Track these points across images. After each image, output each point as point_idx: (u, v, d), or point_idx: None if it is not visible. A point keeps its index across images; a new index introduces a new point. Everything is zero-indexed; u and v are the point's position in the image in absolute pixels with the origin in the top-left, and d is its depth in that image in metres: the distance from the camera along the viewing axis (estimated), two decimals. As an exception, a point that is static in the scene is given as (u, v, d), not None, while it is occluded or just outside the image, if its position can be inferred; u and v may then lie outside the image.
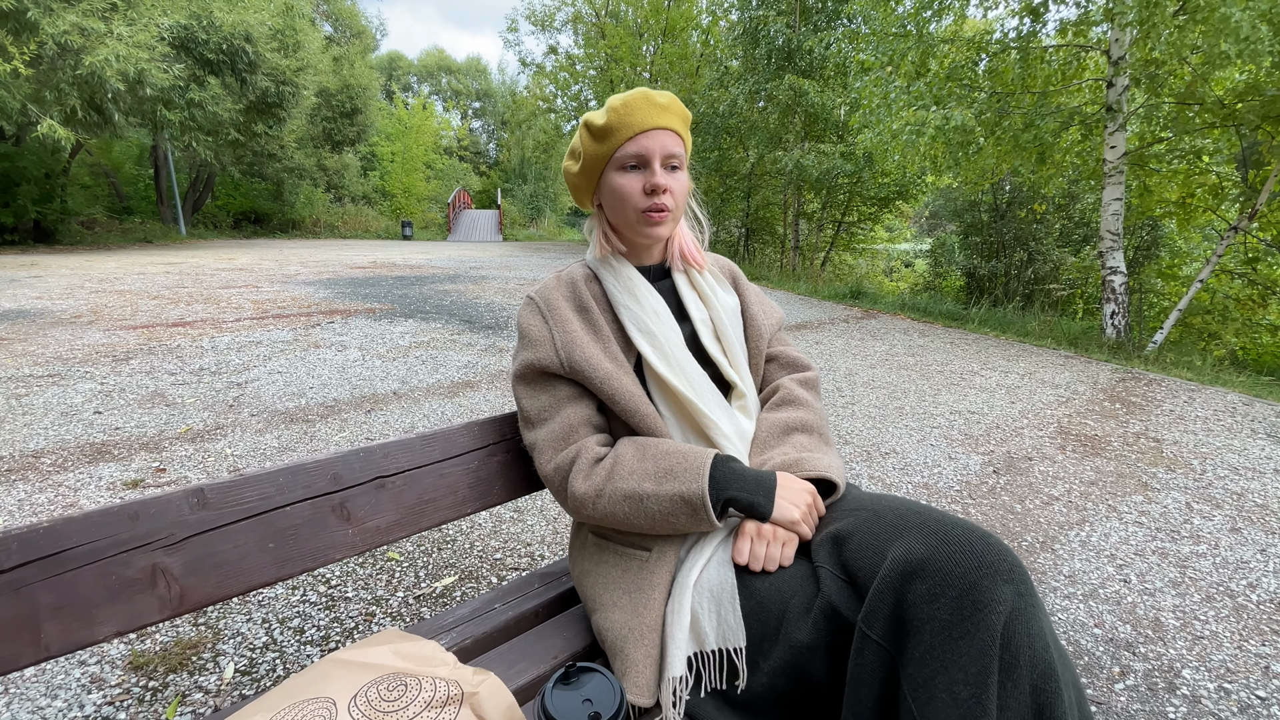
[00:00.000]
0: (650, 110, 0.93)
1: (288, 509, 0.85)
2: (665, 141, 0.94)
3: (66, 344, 4.36)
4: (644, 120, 0.93)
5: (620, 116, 0.93)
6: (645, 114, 0.93)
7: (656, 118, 0.94)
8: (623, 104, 0.93)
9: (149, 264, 9.75)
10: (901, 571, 0.70)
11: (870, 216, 13.99)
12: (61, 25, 8.04)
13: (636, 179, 0.94)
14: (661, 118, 0.94)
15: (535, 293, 1.02)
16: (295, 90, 14.25)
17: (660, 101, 0.95)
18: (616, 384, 0.94)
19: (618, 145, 0.94)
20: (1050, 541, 2.19)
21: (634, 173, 0.95)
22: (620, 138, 0.94)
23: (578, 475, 0.91)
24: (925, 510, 0.79)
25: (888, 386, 4.12)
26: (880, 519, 0.80)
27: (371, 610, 1.72)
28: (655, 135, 0.94)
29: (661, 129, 0.94)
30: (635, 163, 0.94)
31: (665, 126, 0.95)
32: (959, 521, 0.75)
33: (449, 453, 1.00)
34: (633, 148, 0.93)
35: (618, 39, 16.45)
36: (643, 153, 0.93)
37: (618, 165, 0.95)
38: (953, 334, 6.17)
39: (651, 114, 0.93)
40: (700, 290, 1.06)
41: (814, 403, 1.05)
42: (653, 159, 0.94)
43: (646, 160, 0.94)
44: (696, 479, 0.85)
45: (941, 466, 2.82)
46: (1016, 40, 6.00)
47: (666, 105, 0.95)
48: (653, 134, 0.94)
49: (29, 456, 2.61)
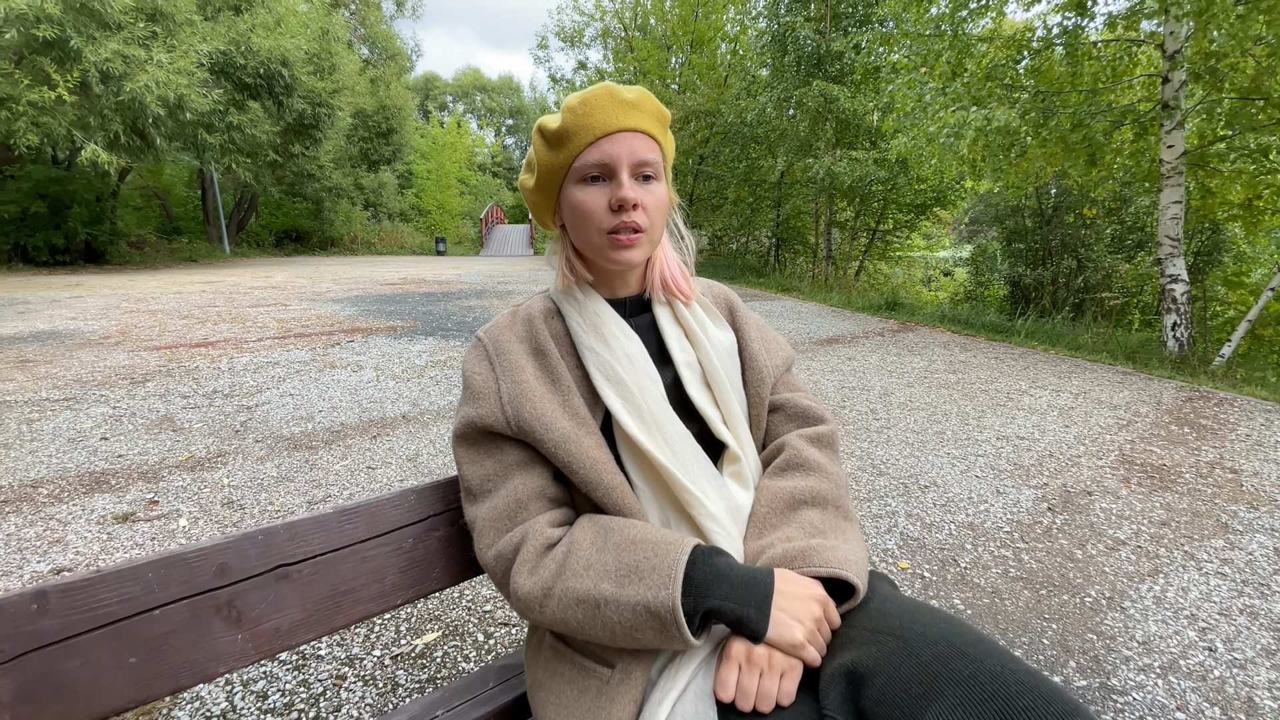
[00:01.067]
0: (614, 108, 0.75)
1: (157, 613, 0.68)
2: (634, 146, 0.76)
3: (89, 366, 4.38)
4: (606, 121, 0.75)
5: (578, 118, 0.74)
6: (608, 113, 0.75)
7: (622, 117, 0.75)
8: (581, 102, 0.75)
9: (188, 283, 9.99)
10: None
11: (906, 224, 13.54)
12: (103, 53, 8.33)
13: (600, 193, 0.76)
14: (629, 117, 0.76)
15: (484, 332, 0.84)
16: (330, 112, 14.58)
17: (627, 98, 0.76)
18: (575, 448, 0.75)
19: (576, 152, 0.76)
20: (1119, 597, 1.90)
21: (597, 185, 0.76)
22: (579, 143, 0.75)
23: (522, 568, 0.72)
24: (974, 650, 0.57)
25: (927, 407, 3.83)
26: (914, 657, 0.59)
27: (343, 672, 1.56)
28: (621, 139, 0.75)
29: (629, 131, 0.76)
30: (598, 172, 0.76)
31: (634, 128, 0.76)
32: (1021, 676, 0.53)
33: (375, 530, 0.82)
34: (594, 155, 0.75)
35: (645, 52, 16.42)
36: (606, 160, 0.75)
37: (578, 177, 0.77)
38: (997, 348, 5.80)
39: (616, 113, 0.75)
40: (686, 326, 0.86)
41: (829, 466, 0.84)
42: (619, 168, 0.75)
43: (611, 169, 0.75)
44: (666, 583, 0.65)
45: (989, 502, 2.54)
46: (1061, 36, 5.65)
47: (635, 102, 0.76)
48: (618, 137, 0.75)
49: (27, 486, 2.56)
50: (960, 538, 2.25)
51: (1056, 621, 1.78)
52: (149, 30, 9.18)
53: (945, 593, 1.92)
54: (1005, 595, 1.91)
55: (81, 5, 8.19)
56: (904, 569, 2.05)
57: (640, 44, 16.75)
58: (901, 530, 2.30)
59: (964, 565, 2.07)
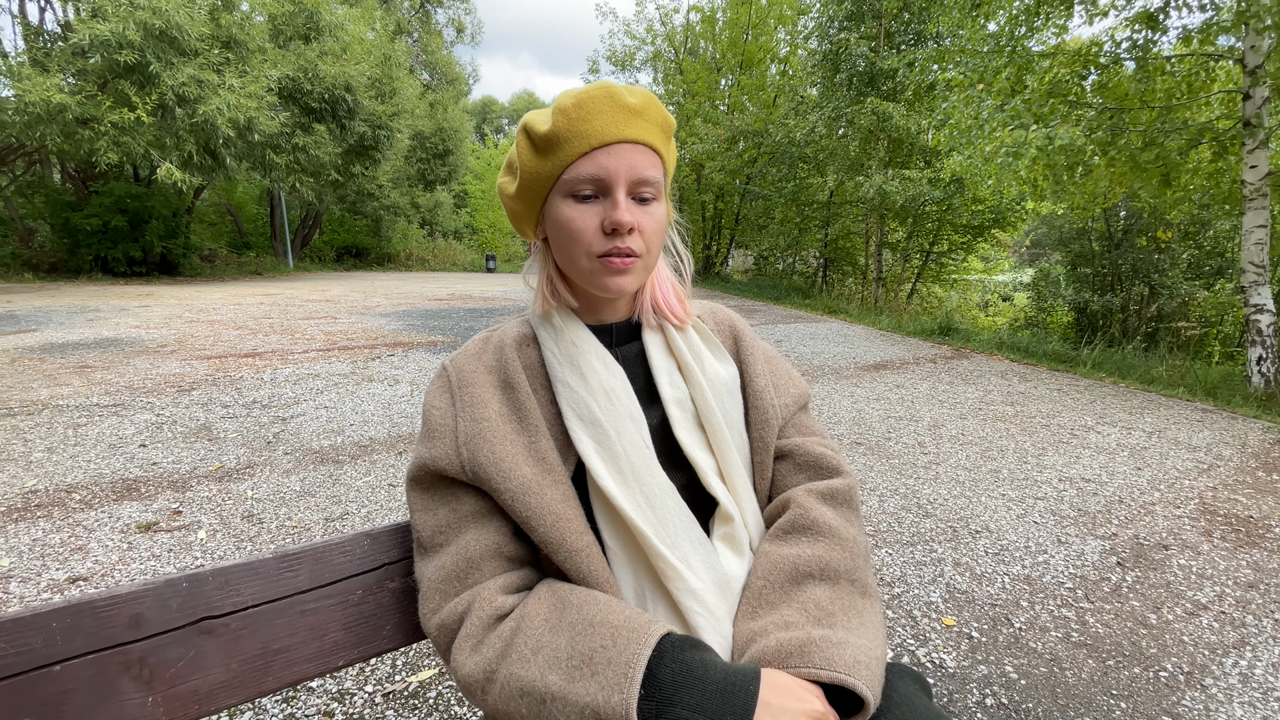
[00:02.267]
0: (614, 115, 0.64)
1: (58, 669, 0.61)
2: (635, 161, 0.65)
3: (142, 373, 4.55)
4: (604, 129, 0.64)
5: (571, 123, 0.63)
6: (607, 120, 0.64)
7: (623, 126, 0.64)
8: (575, 104, 0.63)
9: (249, 295, 10.44)
10: None
11: (962, 246, 13.04)
12: (180, 78, 8.90)
13: (592, 212, 0.65)
14: (630, 126, 0.65)
15: (450, 360, 0.75)
16: (390, 134, 15.15)
17: (629, 102, 0.65)
18: (535, 500, 0.64)
19: (567, 163, 0.65)
20: (1199, 673, 1.66)
21: (589, 204, 0.66)
22: (570, 152, 0.64)
23: (464, 644, 0.62)
24: None
25: (981, 442, 3.57)
26: None
27: (331, 708, 1.48)
28: (620, 152, 0.64)
29: (630, 143, 0.65)
30: (591, 189, 0.65)
31: (635, 139, 0.65)
32: None
33: (319, 579, 0.73)
34: (588, 168, 0.64)
35: (695, 74, 16.50)
36: (602, 176, 0.64)
37: (567, 190, 0.66)
38: (1060, 379, 5.43)
39: (616, 120, 0.64)
40: (679, 357, 0.75)
41: (844, 530, 0.70)
42: (615, 185, 0.64)
43: (607, 186, 0.65)
44: (621, 684, 0.53)
45: (1049, 552, 2.30)
46: (1131, 51, 5.32)
47: (638, 108, 0.65)
48: (617, 150, 0.64)
49: (62, 491, 2.61)
50: (1015, 593, 2.03)
51: (1126, 699, 1.56)
52: (223, 56, 9.76)
53: (996, 657, 1.71)
54: (1066, 664, 1.69)
55: (161, 33, 8.79)
56: (949, 625, 1.85)
57: (690, 66, 16.85)
58: (948, 581, 2.09)
59: (1018, 626, 1.85)
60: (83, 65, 9.09)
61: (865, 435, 3.66)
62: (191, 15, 9.32)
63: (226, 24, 10.25)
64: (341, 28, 13.32)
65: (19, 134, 9.09)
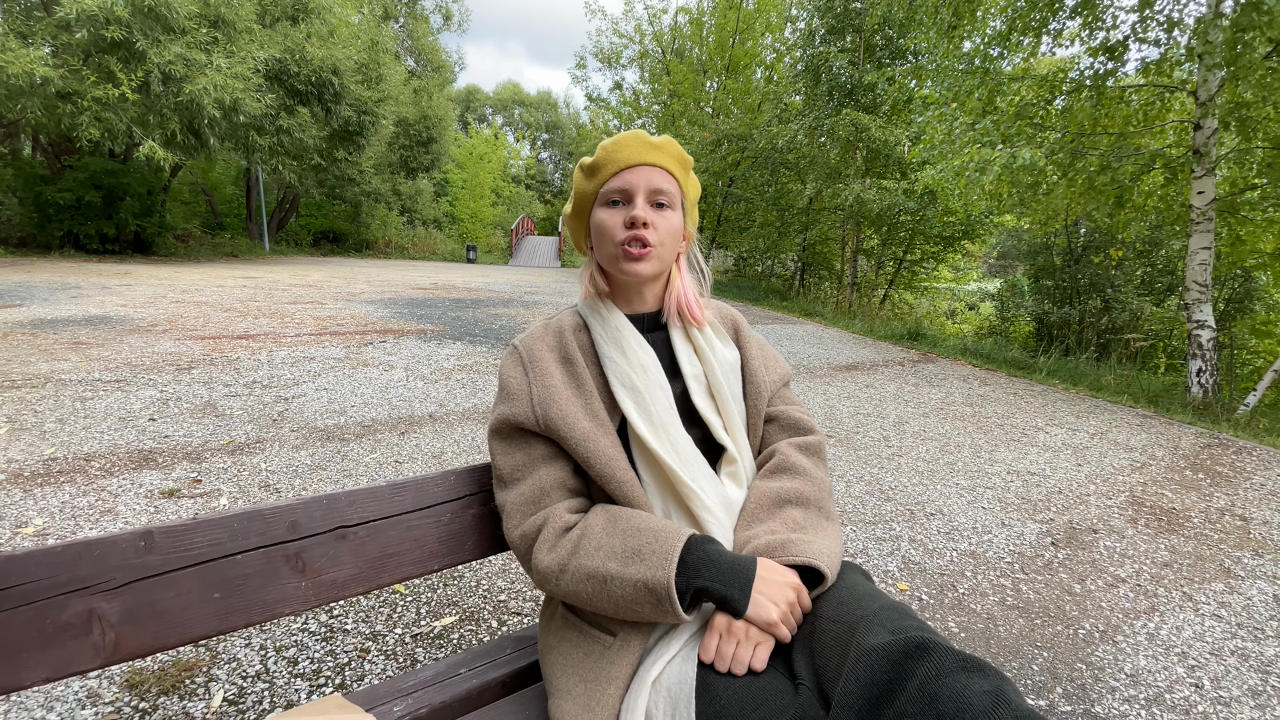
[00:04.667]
0: (639, 147, 0.92)
1: (239, 557, 0.81)
2: (651, 177, 0.91)
3: (139, 351, 4.63)
4: (631, 156, 0.91)
5: (608, 154, 0.91)
6: (633, 150, 0.91)
7: (645, 154, 0.92)
8: (613, 143, 0.92)
9: (230, 278, 10.38)
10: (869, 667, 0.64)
11: (934, 255, 13.53)
12: (166, 55, 8.82)
13: (619, 214, 0.91)
14: (651, 154, 0.92)
15: (520, 341, 0.97)
16: (375, 120, 15.09)
17: (653, 141, 0.93)
18: (593, 445, 0.87)
19: (604, 181, 0.92)
20: (1112, 631, 1.95)
21: (617, 208, 0.92)
22: (606, 173, 0.92)
23: (542, 546, 0.84)
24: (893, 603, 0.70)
25: (940, 438, 3.88)
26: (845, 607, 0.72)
27: (367, 646, 1.68)
28: (641, 170, 0.91)
29: (649, 165, 0.92)
30: (619, 197, 0.92)
31: (654, 163, 0.92)
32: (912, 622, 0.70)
33: (420, 503, 0.94)
34: (617, 182, 0.91)
35: (681, 75, 16.73)
36: (626, 187, 0.91)
37: (603, 201, 0.93)
38: (1017, 384, 5.80)
39: (640, 150, 0.91)
40: (696, 344, 0.98)
41: (814, 471, 0.95)
42: (636, 193, 0.91)
43: (630, 195, 0.91)
44: (664, 565, 0.76)
45: (993, 533, 2.60)
46: (1092, 79, 5.71)
47: (659, 144, 0.93)
48: (639, 169, 0.91)
49: (81, 459, 2.74)
50: (961, 565, 2.31)
51: (1048, 650, 1.84)
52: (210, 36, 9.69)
53: (941, 615, 1.99)
54: (1000, 622, 1.96)
55: (149, 9, 8.70)
56: (903, 590, 2.12)
57: (677, 68, 17.08)
58: (904, 555, 2.37)
59: (962, 591, 2.13)
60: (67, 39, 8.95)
61: (836, 429, 3.94)
62: (179, -8, 9.25)
63: (214, 3, 10.16)
64: (329, 10, 13.24)
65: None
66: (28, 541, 2.08)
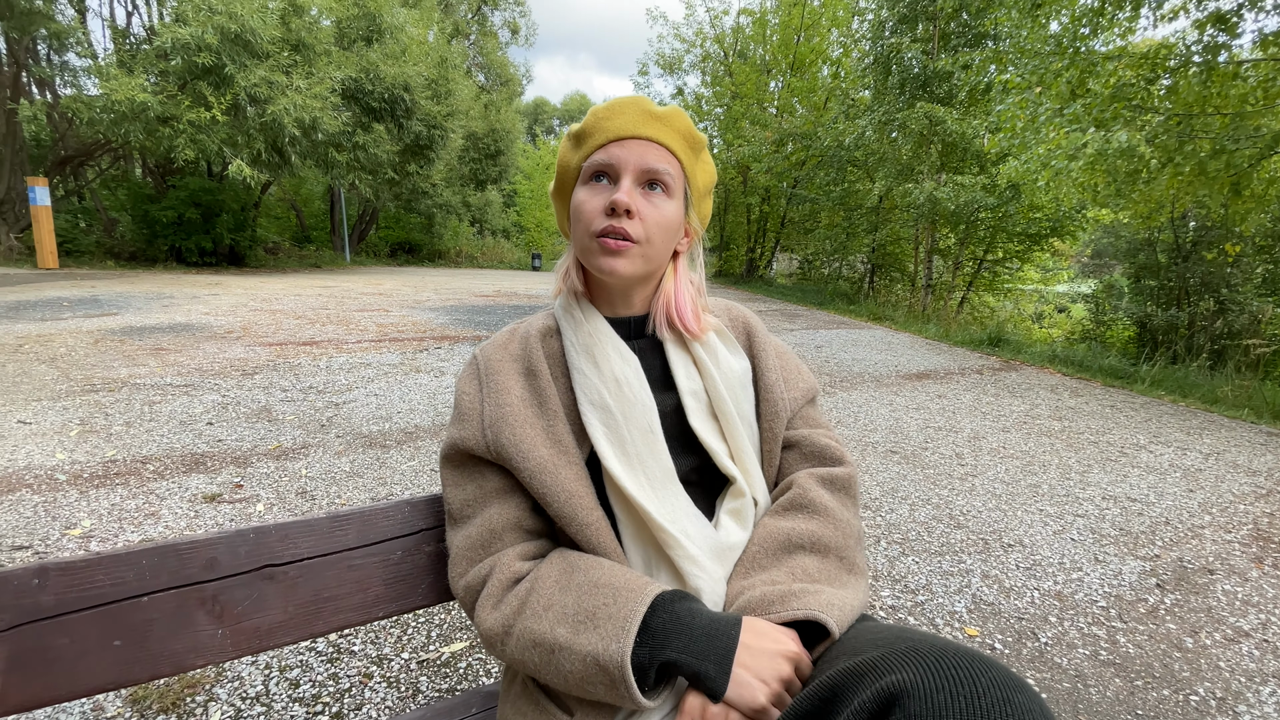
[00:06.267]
0: (637, 116, 0.74)
1: (145, 600, 0.71)
2: (646, 154, 0.73)
3: (211, 357, 4.86)
4: (624, 126, 0.73)
5: (598, 120, 0.74)
6: (628, 119, 0.74)
7: (642, 126, 0.74)
8: (606, 107, 0.75)
9: (309, 287, 10.92)
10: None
11: (1017, 254, 12.59)
12: (252, 79, 9.40)
13: (600, 195, 0.74)
14: (648, 127, 0.74)
15: (480, 349, 0.83)
16: (444, 134, 15.58)
17: (655, 110, 0.75)
18: (551, 478, 0.71)
19: (590, 152, 0.75)
20: (1233, 699, 1.61)
21: (600, 186, 0.74)
22: (593, 143, 0.75)
23: (486, 603, 0.70)
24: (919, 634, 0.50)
25: (1022, 456, 3.50)
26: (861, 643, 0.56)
27: (370, 671, 1.59)
28: (633, 145, 0.73)
29: (645, 139, 0.74)
30: (602, 173, 0.74)
31: (650, 137, 0.74)
32: (958, 645, 0.48)
33: (365, 539, 0.82)
34: (602, 156, 0.74)
35: (743, 75, 16.42)
36: (613, 162, 0.73)
37: (585, 176, 0.76)
38: (1115, 395, 5.23)
39: (637, 120, 0.74)
40: (694, 354, 0.81)
41: (839, 511, 0.76)
42: (623, 171, 0.73)
43: (616, 172, 0.73)
44: (619, 635, 0.59)
45: (1084, 570, 2.26)
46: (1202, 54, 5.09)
47: (661, 115, 0.75)
48: (630, 143, 0.73)
49: (138, 462, 2.84)
50: (1044, 608, 2.01)
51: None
52: (291, 59, 10.26)
53: (1018, 669, 1.70)
54: (1091, 682, 1.67)
55: (236, 36, 9.31)
56: (972, 636, 1.85)
57: (739, 69, 16.77)
58: (975, 592, 2.08)
59: (1044, 640, 1.84)
60: (164, 67, 9.70)
61: (901, 444, 3.62)
62: (264, 20, 9.84)
63: (296, 28, 10.76)
64: (402, 29, 13.79)
65: (106, 130, 9.76)
66: (72, 543, 2.13)
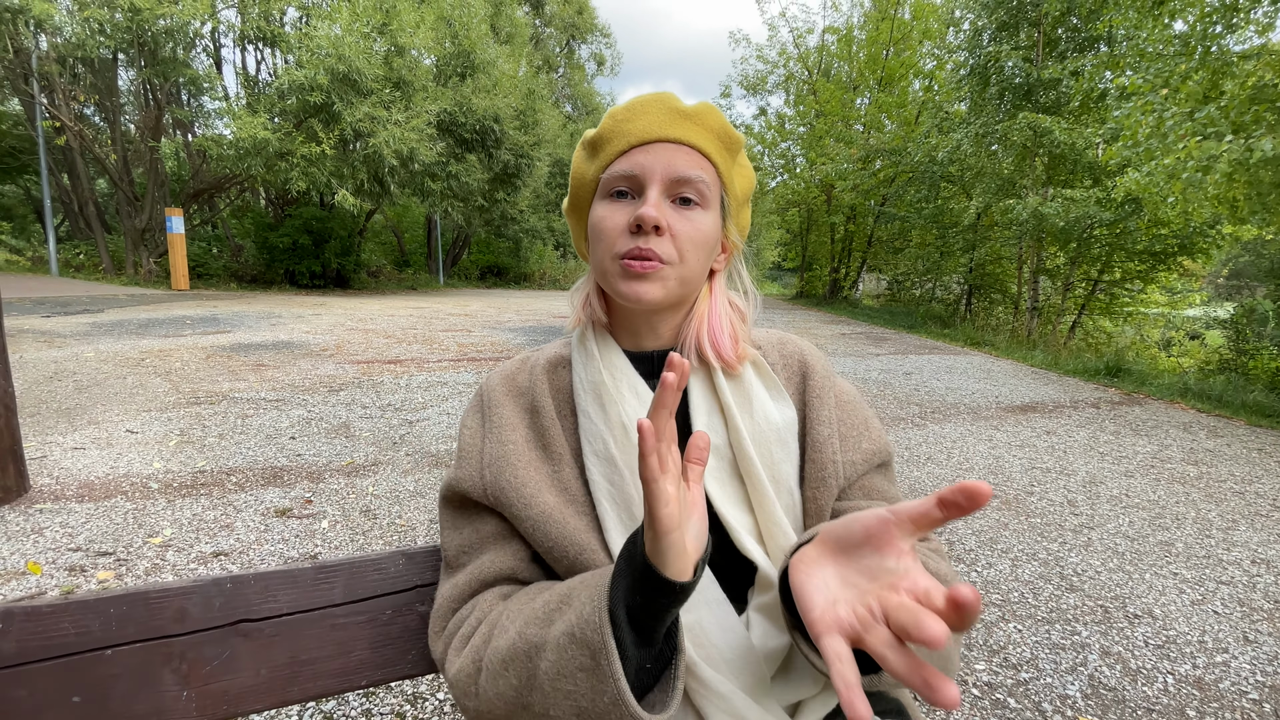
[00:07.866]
0: (662, 116, 0.62)
1: (109, 652, 0.65)
2: (675, 160, 0.61)
3: (304, 373, 5.14)
4: (647, 128, 0.61)
5: (617, 123, 0.63)
6: (652, 120, 0.62)
7: (668, 126, 0.61)
8: (625, 107, 0.63)
9: (402, 308, 11.53)
10: None
11: (1139, 275, 11.39)
12: (357, 115, 10.17)
13: (623, 210, 0.62)
14: (676, 127, 0.62)
15: (487, 379, 0.73)
16: (530, 162, 16.21)
17: (683, 108, 0.62)
18: (557, 530, 0.60)
19: (608, 161, 0.63)
20: None
21: (621, 201, 0.63)
22: (612, 151, 0.63)
23: (457, 645, 0.60)
24: None
25: (1150, 507, 3.04)
26: None
27: (404, 710, 1.52)
28: (660, 150, 0.61)
29: (673, 142, 0.62)
30: (625, 186, 0.62)
31: (681, 140, 0.62)
32: None
33: (353, 594, 0.73)
34: (623, 165, 0.62)
35: (828, 94, 16.05)
36: (636, 172, 0.61)
37: (604, 191, 0.64)
38: (1262, 436, 4.52)
39: (662, 121, 0.62)
40: (722, 397, 0.66)
41: (950, 572, 0.62)
42: (649, 181, 0.61)
43: (640, 183, 0.61)
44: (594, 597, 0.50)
45: (1230, 651, 1.88)
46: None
47: (691, 112, 0.63)
48: (657, 148, 0.61)
49: (223, 473, 2.98)
50: (1181, 697, 1.67)
51: None
52: (392, 95, 11.01)
53: (1149, 774, 1.40)
54: (1250, 800, 1.34)
55: (344, 76, 10.11)
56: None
57: (824, 87, 16.42)
58: (1092, 672, 1.77)
59: (1184, 738, 1.51)
60: (282, 106, 10.66)
61: (1002, 487, 3.25)
62: (369, 60, 10.64)
63: (398, 66, 11.57)
64: (494, 64, 14.53)
65: (232, 165, 10.84)
66: (151, 551, 2.23)
